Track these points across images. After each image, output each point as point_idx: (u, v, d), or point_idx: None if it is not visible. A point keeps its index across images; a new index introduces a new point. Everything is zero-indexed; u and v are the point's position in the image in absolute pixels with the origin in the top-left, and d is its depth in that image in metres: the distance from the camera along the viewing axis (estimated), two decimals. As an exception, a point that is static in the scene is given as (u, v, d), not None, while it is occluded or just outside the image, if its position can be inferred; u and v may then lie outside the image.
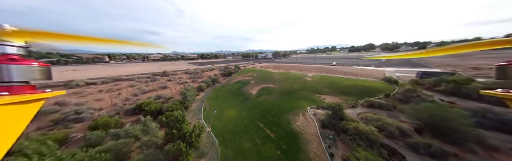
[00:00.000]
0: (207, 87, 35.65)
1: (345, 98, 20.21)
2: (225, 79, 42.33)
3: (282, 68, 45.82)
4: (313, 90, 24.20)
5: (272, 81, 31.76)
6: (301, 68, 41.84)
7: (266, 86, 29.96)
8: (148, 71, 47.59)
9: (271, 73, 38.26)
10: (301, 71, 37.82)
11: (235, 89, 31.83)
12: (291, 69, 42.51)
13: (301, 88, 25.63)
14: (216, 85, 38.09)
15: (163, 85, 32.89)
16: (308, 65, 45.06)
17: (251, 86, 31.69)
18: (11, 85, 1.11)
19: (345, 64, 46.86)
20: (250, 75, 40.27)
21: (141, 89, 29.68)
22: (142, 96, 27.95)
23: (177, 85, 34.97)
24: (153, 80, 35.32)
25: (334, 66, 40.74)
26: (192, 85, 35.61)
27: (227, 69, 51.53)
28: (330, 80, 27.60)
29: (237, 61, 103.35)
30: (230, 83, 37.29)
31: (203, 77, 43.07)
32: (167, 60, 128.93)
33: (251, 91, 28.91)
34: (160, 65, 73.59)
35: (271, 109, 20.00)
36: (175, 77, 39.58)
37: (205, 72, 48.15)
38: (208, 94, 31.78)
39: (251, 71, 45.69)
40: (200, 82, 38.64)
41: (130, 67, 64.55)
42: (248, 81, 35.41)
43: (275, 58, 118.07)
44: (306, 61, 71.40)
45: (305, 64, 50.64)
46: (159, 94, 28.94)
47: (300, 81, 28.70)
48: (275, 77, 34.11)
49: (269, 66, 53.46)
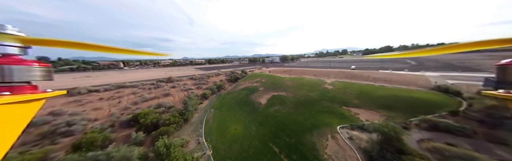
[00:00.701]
0: (212, 94, 33.11)
1: (386, 114, 15.54)
2: (231, 85, 39.73)
3: (293, 73, 42.24)
4: (339, 101, 19.82)
5: (283, 88, 28.30)
6: (316, 72, 37.80)
7: (277, 94, 26.51)
8: (154, 77, 46.89)
9: (282, 79, 34.88)
10: (317, 76, 33.82)
11: (242, 97, 28.79)
12: (303, 74, 38.72)
13: (321, 97, 21.73)
14: (221, 92, 35.49)
15: (166, 92, 31.01)
16: (323, 70, 40.40)
17: (259, 94, 28.47)
18: (12, 85, 1.12)
19: (367, 68, 41.86)
20: (258, 81, 37.25)
21: (143, 97, 27.91)
22: (143, 105, 26.00)
23: (180, 92, 32.94)
24: (157, 86, 33.78)
25: (356, 71, 34.35)
26: (196, 92, 33.37)
27: (233, 74, 49.24)
28: (358, 88, 22.45)
29: (243, 65, 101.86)
30: (237, 89, 34.46)
31: (208, 83, 40.94)
32: (177, 66, 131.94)
33: (260, 100, 25.63)
34: (168, 71, 74.01)
35: (286, 125, 16.39)
36: (179, 83, 37.89)
37: (211, 77, 46.21)
38: (212, 102, 29.07)
39: (259, 76, 42.74)
40: (204, 88, 36.39)
41: (140, 73, 65.39)
42: (256, 88, 32.29)
43: (283, 63, 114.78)
44: (318, 65, 66.94)
45: (319, 68, 46.53)
46: (160, 102, 26.85)
47: (318, 88, 24.82)
48: (287, 84, 30.63)
49: (278, 70, 50.25)
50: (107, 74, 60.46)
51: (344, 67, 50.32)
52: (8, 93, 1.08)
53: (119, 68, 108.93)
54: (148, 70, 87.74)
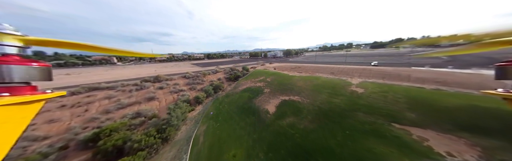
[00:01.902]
0: (207, 98, 27.31)
1: (478, 142, 9.48)
2: (230, 85, 33.76)
3: (303, 70, 35.76)
4: (383, 114, 13.51)
5: (295, 91, 22.25)
6: (332, 70, 30.89)
7: (288, 98, 20.54)
8: (141, 75, 40.89)
9: (291, 78, 28.66)
10: (335, 75, 27.32)
11: (244, 102, 22.97)
12: (317, 71, 32.26)
13: (352, 106, 15.72)
14: (218, 94, 29.64)
15: (150, 96, 25.20)
16: (340, 66, 33.35)
17: (265, 98, 22.55)
18: (11, 85, 1.10)
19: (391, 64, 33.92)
20: (262, 80, 31.10)
21: (119, 103, 22.17)
22: (117, 113, 20.36)
23: (169, 95, 27.14)
24: (140, 88, 27.90)
25: (386, 68, 27.04)
26: (188, 94, 27.57)
27: (233, 71, 42.99)
28: (405, 93, 15.80)
29: (244, 61, 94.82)
30: (237, 91, 28.53)
31: (204, 82, 34.96)
32: (173, 61, 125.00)
33: (266, 107, 19.80)
34: (162, 67, 67.73)
35: (310, 153, 10.86)
36: (169, 83, 31.93)
37: (207, 75, 40.08)
38: (206, 108, 23.37)
39: (263, 74, 36.47)
40: (199, 90, 30.53)
41: (129, 70, 59.25)
42: (261, 89, 26.27)
43: (287, 57, 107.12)
44: (328, 60, 59.48)
45: (332, 64, 39.75)
46: (140, 109, 21.16)
47: (344, 92, 18.63)
48: (299, 84, 24.48)
49: (284, 67, 43.74)
50: (91, 71, 54.41)
51: (361, 62, 43.34)
52: (7, 94, 1.06)
53: (112, 63, 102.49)
54: (141, 66, 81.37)
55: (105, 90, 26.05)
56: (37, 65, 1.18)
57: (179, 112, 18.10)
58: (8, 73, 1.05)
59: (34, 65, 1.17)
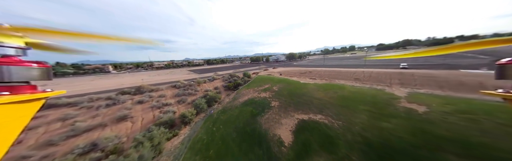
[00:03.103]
0: (198, 114, 21.08)
1: None
2: (229, 95, 27.68)
3: (316, 75, 29.69)
4: (498, 159, 7.14)
5: (315, 106, 16.00)
6: (356, 75, 24.13)
7: (308, 118, 14.21)
8: (124, 85, 35.15)
9: (305, 87, 22.55)
10: (363, 82, 20.50)
11: (245, 122, 16.67)
12: (334, 77, 25.75)
13: (423, 139, 9.02)
14: (213, 107, 23.47)
15: (122, 114, 19.07)
16: (362, 70, 26.48)
17: (274, 115, 16.28)
18: (11, 85, 1.11)
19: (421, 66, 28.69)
20: (267, 89, 25.01)
21: (73, 127, 16.00)
22: (62, 146, 14.09)
23: (148, 112, 21.00)
24: (113, 103, 21.89)
25: (425, 71, 20.91)
26: (174, 109, 21.46)
27: (233, 78, 37.21)
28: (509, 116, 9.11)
29: (245, 66, 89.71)
30: (237, 103, 22.34)
31: (197, 93, 28.97)
32: (172, 68, 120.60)
33: (277, 131, 13.47)
34: (155, 74, 62.51)
35: None
36: (153, 95, 25.99)
37: (202, 84, 34.20)
38: (195, 131, 17.06)
39: (268, 80, 30.51)
40: (190, 102, 24.45)
41: (117, 79, 53.83)
42: (267, 102, 20.08)
43: (290, 61, 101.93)
44: (340, 63, 52.97)
45: (347, 68, 33.63)
46: (101, 137, 14.91)
47: (394, 111, 11.50)
48: (318, 96, 18.27)
49: (291, 72, 37.87)
50: (74, 82, 48.97)
51: (383, 65, 36.89)
52: (7, 93, 1.07)
53: (106, 72, 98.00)
54: (134, 74, 76.26)
55: (63, 107, 20.05)
56: (37, 66, 1.21)
57: (148, 147, 11.78)
58: (8, 73, 1.07)
59: (34, 66, 1.19)
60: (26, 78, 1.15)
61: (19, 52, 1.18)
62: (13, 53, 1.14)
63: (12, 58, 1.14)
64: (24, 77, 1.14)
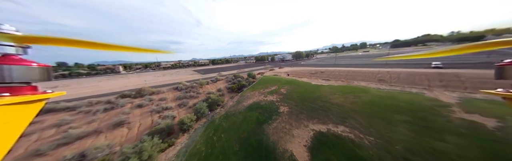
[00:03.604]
0: (198, 120, 19.38)
1: None
2: (232, 98, 25.82)
3: (329, 75, 26.70)
4: None
5: (335, 114, 13.45)
6: (380, 76, 20.40)
7: (327, 129, 11.77)
8: (128, 86, 34.58)
9: (318, 89, 19.95)
10: (390, 84, 17.56)
11: (250, 131, 14.61)
12: (352, 78, 22.49)
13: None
14: (215, 112, 21.70)
15: (119, 119, 17.84)
16: (385, 70, 22.29)
17: (284, 124, 14.05)
18: (12, 85, 1.11)
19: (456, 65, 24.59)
20: (274, 92, 22.77)
21: (66, 134, 14.92)
22: (50, 156, 12.95)
23: (146, 117, 19.67)
24: (112, 107, 20.84)
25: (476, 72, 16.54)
26: (174, 114, 19.99)
27: (236, 79, 35.34)
28: None
29: (250, 65, 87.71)
30: (241, 108, 20.36)
31: (199, 95, 27.43)
32: (178, 68, 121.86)
33: (289, 146, 11.22)
34: (160, 75, 62.50)
35: None
36: (154, 98, 24.79)
37: (205, 85, 32.67)
38: (193, 140, 15.31)
39: (274, 82, 28.21)
40: (191, 106, 22.91)
41: (123, 80, 54.21)
42: (274, 107, 17.85)
43: (297, 60, 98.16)
44: (354, 62, 47.68)
45: (364, 68, 28.83)
46: (92, 145, 13.62)
47: (448, 125, 8.74)
48: (335, 101, 15.60)
49: (299, 72, 35.18)
50: (83, 83, 49.82)
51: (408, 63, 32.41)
52: (7, 94, 1.06)
53: (116, 72, 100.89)
54: (140, 75, 77.28)
55: (62, 112, 19.27)
56: (37, 65, 1.19)
57: None
58: (9, 73, 1.05)
59: (34, 66, 1.17)
60: (27, 78, 1.13)
61: (19, 51, 1.15)
62: (13, 52, 1.12)
63: (12, 58, 1.11)
64: (25, 77, 1.11)
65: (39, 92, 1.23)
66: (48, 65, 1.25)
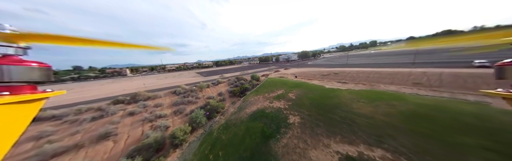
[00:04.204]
0: (193, 132, 16.79)
1: None
2: (234, 104, 23.14)
3: (346, 77, 22.93)
4: None
5: (363, 127, 10.23)
6: (417, 78, 16.26)
7: (358, 153, 8.66)
8: (126, 90, 33.03)
9: (335, 94, 16.66)
10: (433, 89, 13.71)
11: (253, 149, 11.75)
12: (376, 80, 18.74)
13: None
14: (214, 121, 19.05)
15: (105, 131, 15.68)
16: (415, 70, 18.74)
17: (296, 140, 11.03)
18: (12, 85, 1.12)
19: None
20: (281, 96, 19.80)
21: (41, 151, 12.86)
22: (16, 180, 10.85)
23: (137, 127, 17.40)
24: (101, 115, 18.86)
25: None
26: (168, 123, 17.60)
27: (239, 81, 32.72)
28: None
29: (254, 67, 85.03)
30: (243, 116, 17.56)
31: (198, 100, 25.04)
32: (182, 70, 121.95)
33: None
34: (163, 78, 61.45)
35: None
36: (149, 103, 22.68)
37: (206, 89, 30.31)
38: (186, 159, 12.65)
39: (281, 85, 25.23)
40: (188, 113, 20.47)
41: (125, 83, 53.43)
42: (282, 116, 14.87)
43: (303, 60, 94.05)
44: (369, 62, 42.49)
45: (385, 68, 24.46)
46: (66, 166, 11.41)
47: None
48: (362, 110, 12.20)
49: (308, 73, 31.89)
50: (87, 86, 49.51)
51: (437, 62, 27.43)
52: (7, 93, 1.08)
53: (123, 75, 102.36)
54: (144, 77, 77.07)
55: (46, 121, 17.50)
56: (37, 65, 1.20)
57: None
58: (8, 73, 1.06)
59: (34, 66, 1.18)
60: (26, 78, 1.14)
61: (19, 51, 1.17)
62: (13, 52, 1.14)
63: (12, 58, 1.13)
64: (24, 77, 1.12)
65: (38, 91, 1.24)
66: (48, 65, 1.26)
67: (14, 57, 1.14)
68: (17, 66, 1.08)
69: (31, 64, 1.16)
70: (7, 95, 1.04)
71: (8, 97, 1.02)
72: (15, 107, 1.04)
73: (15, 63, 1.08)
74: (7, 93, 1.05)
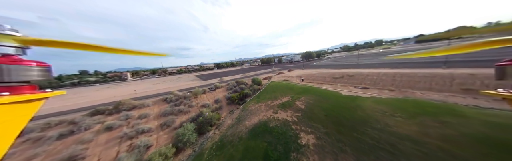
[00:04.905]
0: (178, 153, 13.40)
1: None
2: (232, 113, 19.74)
3: (365, 82, 18.85)
4: None
5: (413, 158, 6.79)
6: (465, 82, 12.17)
7: None
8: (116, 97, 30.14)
9: (357, 103, 13.00)
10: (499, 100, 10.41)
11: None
12: (406, 86, 14.66)
13: None
14: (208, 136, 15.63)
15: (71, 153, 12.49)
16: (459, 72, 14.69)
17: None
18: (11, 85, 1.12)
19: None
20: (287, 105, 16.32)
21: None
22: None
23: (112, 147, 14.14)
24: (72, 131, 15.76)
25: None
26: (150, 142, 14.30)
27: (239, 85, 29.43)
28: None
29: (255, 69, 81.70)
30: (241, 131, 14.10)
31: (191, 109, 21.78)
32: (183, 73, 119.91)
33: None
34: (160, 82, 58.85)
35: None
36: (133, 114, 19.55)
37: (201, 95, 27.10)
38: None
39: (286, 89, 21.77)
40: (177, 127, 17.16)
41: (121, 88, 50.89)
42: (291, 132, 11.40)
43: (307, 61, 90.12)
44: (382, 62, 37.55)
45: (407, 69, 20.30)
46: None
47: None
48: (402, 131, 8.68)
49: (315, 76, 28.31)
50: (80, 92, 47.16)
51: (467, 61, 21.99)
52: (6, 93, 1.08)
53: (123, 79, 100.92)
54: (143, 81, 74.81)
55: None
56: (36, 65, 1.20)
57: None
58: (8, 73, 1.06)
59: (33, 65, 1.19)
60: (26, 78, 1.14)
61: (19, 51, 1.18)
62: (13, 52, 1.14)
63: (11, 57, 1.14)
64: (24, 77, 1.12)
65: (38, 91, 1.24)
66: (48, 65, 1.26)
67: (13, 57, 1.14)
68: (17, 66, 1.09)
69: (31, 64, 1.16)
70: (6, 95, 1.04)
71: (7, 97, 1.01)
72: (14, 107, 1.04)
73: (15, 63, 1.08)
74: (6, 93, 1.05)
